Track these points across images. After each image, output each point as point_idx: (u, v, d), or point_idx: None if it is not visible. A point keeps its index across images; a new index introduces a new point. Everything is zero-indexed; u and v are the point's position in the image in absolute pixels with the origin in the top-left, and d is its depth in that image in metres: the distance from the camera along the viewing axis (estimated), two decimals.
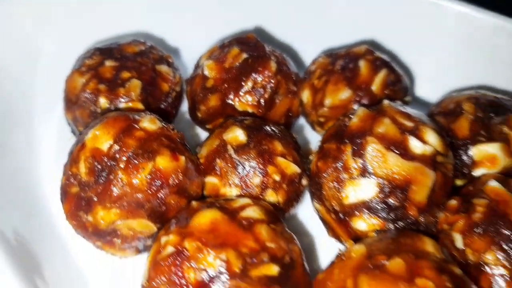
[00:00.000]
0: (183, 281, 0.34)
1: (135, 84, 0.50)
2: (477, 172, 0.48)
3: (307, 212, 0.49)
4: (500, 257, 0.39)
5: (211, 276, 0.34)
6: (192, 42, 0.62)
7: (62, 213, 0.43)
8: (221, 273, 0.34)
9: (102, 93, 0.49)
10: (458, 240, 0.41)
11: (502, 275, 0.39)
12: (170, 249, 0.36)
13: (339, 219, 0.44)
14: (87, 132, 0.42)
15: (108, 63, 0.51)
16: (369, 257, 0.37)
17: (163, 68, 0.53)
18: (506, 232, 0.39)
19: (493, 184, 0.43)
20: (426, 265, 0.35)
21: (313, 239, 0.50)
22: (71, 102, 0.51)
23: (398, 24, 0.60)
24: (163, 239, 0.37)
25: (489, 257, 0.39)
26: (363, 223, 0.43)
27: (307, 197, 0.48)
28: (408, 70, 0.62)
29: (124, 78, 0.50)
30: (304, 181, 0.47)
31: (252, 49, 0.52)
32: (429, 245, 0.38)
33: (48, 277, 0.43)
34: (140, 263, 0.40)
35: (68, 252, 0.47)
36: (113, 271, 0.46)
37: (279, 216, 0.41)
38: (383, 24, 0.61)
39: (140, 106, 0.49)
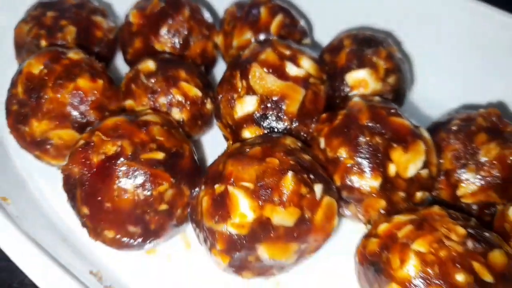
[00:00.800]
0: (88, 162, 0.45)
1: (71, 30, 0.60)
2: (351, 94, 0.59)
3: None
4: (349, 152, 0.49)
5: (109, 158, 0.44)
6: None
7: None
8: (117, 155, 0.44)
9: (43, 37, 0.59)
10: (322, 142, 0.51)
11: (352, 166, 0.49)
12: (81, 142, 0.46)
13: (232, 131, 0.54)
14: (24, 62, 0.52)
15: (49, 14, 0.61)
16: (239, 148, 0.47)
17: (97, 18, 0.63)
18: (354, 131, 0.50)
19: (355, 99, 0.54)
20: (278, 150, 0.45)
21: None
22: (19, 46, 0.61)
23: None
24: (79, 138, 0.48)
25: (342, 152, 0.50)
26: (247, 133, 0.53)
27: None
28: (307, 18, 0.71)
29: (61, 25, 0.60)
30: (209, 105, 0.57)
31: None
32: (288, 140, 0.48)
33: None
34: None
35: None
36: None
37: (176, 125, 0.51)
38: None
39: (78, 53, 0.59)
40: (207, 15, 0.64)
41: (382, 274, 0.42)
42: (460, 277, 0.39)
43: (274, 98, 0.52)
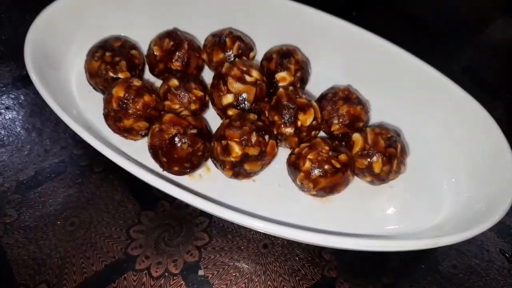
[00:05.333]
0: (163, 137, 0.97)
1: (123, 63, 1.03)
2: (279, 85, 1.13)
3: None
4: (279, 117, 1.04)
5: (173, 135, 0.97)
6: (140, 37, 1.18)
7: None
8: (176, 133, 0.97)
9: (108, 70, 1.03)
10: (267, 113, 1.03)
11: (280, 124, 1.05)
12: (157, 128, 0.98)
13: (222, 112, 1.06)
14: (111, 89, 1.01)
15: (107, 54, 1.03)
16: (228, 122, 1.01)
17: (134, 52, 1.10)
18: (279, 105, 1.04)
19: (280, 89, 1.07)
20: (247, 121, 1.00)
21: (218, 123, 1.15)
22: (93, 75, 1.06)
23: None
24: (154, 126, 1.00)
25: (275, 117, 1.04)
26: (230, 112, 1.06)
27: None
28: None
29: (116, 61, 0.99)
30: (207, 98, 1.09)
31: (174, 38, 1.09)
32: (251, 116, 1.01)
33: None
34: None
35: None
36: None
37: (196, 113, 1.04)
38: None
39: (127, 74, 1.07)
40: (197, 43, 1.14)
41: (297, 169, 1.00)
42: (326, 166, 0.97)
43: (241, 94, 1.04)
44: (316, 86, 1.05)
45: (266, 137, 0.98)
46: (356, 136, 0.94)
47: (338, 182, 0.97)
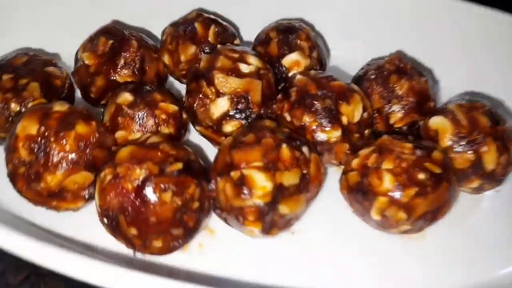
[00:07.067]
0: (124, 191, 0.52)
1: (34, 86, 0.63)
2: (291, 74, 0.73)
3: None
4: (311, 117, 0.63)
5: (142, 181, 0.52)
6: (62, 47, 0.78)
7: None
8: (147, 177, 0.53)
9: (10, 100, 0.62)
10: (287, 117, 0.64)
11: (316, 127, 0.63)
12: (109, 177, 0.54)
13: (214, 130, 0.65)
14: (15, 128, 0.57)
15: (5, 76, 0.64)
16: (234, 141, 0.59)
17: (50, 68, 0.67)
18: (309, 100, 0.64)
19: (298, 76, 0.67)
20: (265, 131, 0.58)
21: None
22: None
23: None
24: (102, 175, 0.55)
25: (305, 119, 0.64)
26: (228, 127, 0.64)
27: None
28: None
29: (23, 84, 0.63)
30: (184, 115, 0.67)
31: (114, 35, 0.69)
32: (268, 122, 0.60)
33: None
34: None
35: None
36: None
37: (171, 138, 0.60)
38: None
39: (44, 101, 0.64)
40: (150, 41, 0.73)
41: (368, 194, 0.58)
42: (421, 176, 0.56)
43: (241, 94, 0.63)
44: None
45: (305, 149, 0.56)
46: (437, 121, 0.65)
47: (444, 198, 0.56)
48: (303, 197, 0.57)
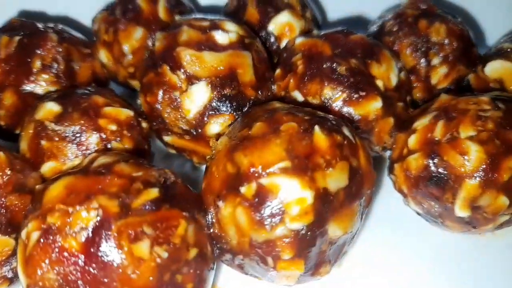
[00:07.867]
0: (66, 254, 0.29)
1: None
2: (284, 43, 0.53)
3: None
4: (333, 87, 0.44)
5: (93, 229, 0.30)
6: None
7: None
8: (102, 222, 0.30)
9: None
10: (298, 96, 0.45)
11: (344, 100, 0.43)
12: (35, 235, 0.30)
13: (194, 137, 0.44)
14: None
15: None
16: (233, 138, 0.37)
17: None
18: (326, 65, 0.44)
19: (299, 39, 0.48)
20: (282, 113, 0.37)
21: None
22: None
23: None
24: (24, 234, 0.31)
25: (326, 92, 0.44)
26: (215, 126, 0.43)
27: None
28: None
29: None
30: (144, 124, 0.44)
31: (21, 30, 0.47)
32: (276, 103, 0.40)
33: None
34: None
35: None
36: None
37: (130, 154, 0.38)
38: None
39: None
40: (75, 33, 0.51)
41: (448, 181, 0.38)
42: None
43: (224, 74, 0.42)
44: None
45: (346, 131, 0.36)
46: (497, 67, 0.48)
47: None
48: (356, 206, 0.36)
